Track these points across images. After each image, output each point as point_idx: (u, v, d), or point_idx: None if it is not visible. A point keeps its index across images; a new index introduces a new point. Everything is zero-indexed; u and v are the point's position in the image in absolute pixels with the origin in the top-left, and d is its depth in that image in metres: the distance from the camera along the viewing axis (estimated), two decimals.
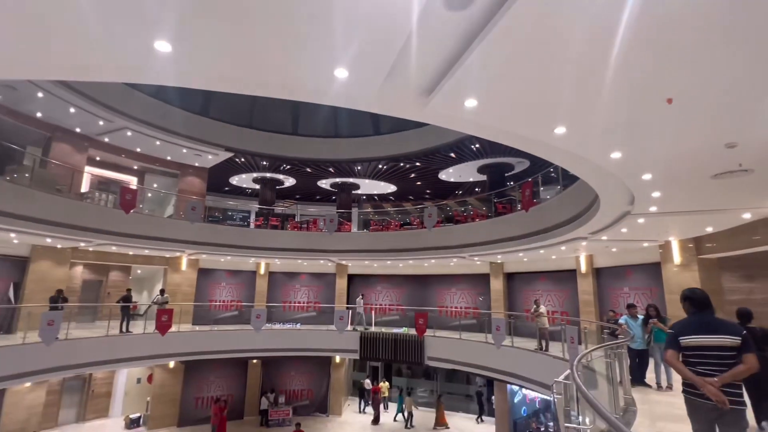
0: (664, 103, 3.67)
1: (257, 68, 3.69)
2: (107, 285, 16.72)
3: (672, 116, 3.93)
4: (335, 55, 3.42)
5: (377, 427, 16.19)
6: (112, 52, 3.39)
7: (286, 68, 3.65)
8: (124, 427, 15.44)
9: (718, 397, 2.93)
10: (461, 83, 3.66)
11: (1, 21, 3.01)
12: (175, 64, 3.52)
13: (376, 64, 3.56)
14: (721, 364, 3.07)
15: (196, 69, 3.68)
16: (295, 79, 3.82)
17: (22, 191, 10.84)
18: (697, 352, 3.19)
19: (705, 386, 2.99)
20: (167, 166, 17.79)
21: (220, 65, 3.63)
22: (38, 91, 11.90)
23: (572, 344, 9.77)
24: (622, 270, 12.95)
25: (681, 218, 8.14)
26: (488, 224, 14.18)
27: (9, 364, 9.95)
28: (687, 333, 3.28)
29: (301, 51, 3.38)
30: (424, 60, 3.58)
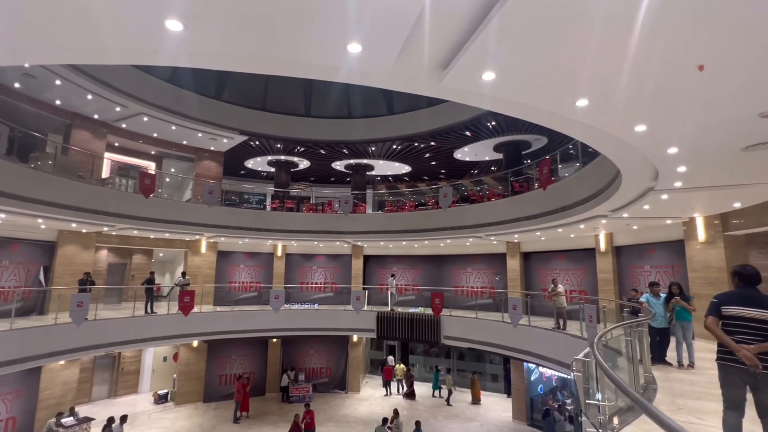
0: (694, 70, 3.47)
1: (269, 46, 3.62)
2: (131, 268, 17.24)
3: (703, 84, 3.73)
4: (348, 29, 3.33)
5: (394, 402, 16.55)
6: (123, 33, 3.37)
7: (299, 44, 3.57)
8: (152, 402, 16.17)
9: (752, 361, 3.07)
10: (478, 55, 3.52)
11: (15, 5, 3.01)
12: (187, 43, 3.48)
13: (390, 38, 3.45)
14: (758, 335, 3.23)
15: (208, 48, 3.64)
16: (308, 56, 3.74)
17: (46, 178, 11.13)
18: (737, 322, 3.36)
19: (740, 351, 3.14)
20: (184, 150, 17.99)
21: (231, 43, 3.58)
22: (56, 79, 12.07)
23: (590, 323, 9.68)
24: (643, 248, 12.67)
25: (707, 193, 7.85)
26: (505, 203, 13.99)
27: (43, 343, 10.44)
28: (730, 303, 3.45)
29: (313, 26, 3.30)
30: (439, 32, 3.45)
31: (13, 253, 12.72)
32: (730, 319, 3.41)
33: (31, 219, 11.58)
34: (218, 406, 16.34)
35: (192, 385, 16.67)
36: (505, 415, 15.82)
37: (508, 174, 15.26)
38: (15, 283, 12.65)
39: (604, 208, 9.42)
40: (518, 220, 12.92)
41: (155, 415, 15.06)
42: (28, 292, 12.92)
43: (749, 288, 3.47)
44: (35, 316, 12.52)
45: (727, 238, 10.06)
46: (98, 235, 14.78)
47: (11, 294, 12.12)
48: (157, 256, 19.26)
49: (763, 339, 3.20)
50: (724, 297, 3.57)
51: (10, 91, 12.64)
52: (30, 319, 11.83)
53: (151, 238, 16.65)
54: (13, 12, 3.10)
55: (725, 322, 3.44)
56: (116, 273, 16.83)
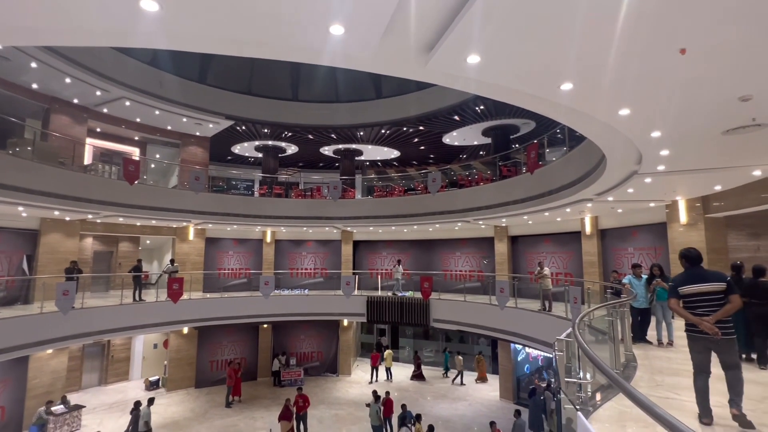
0: (677, 54, 3.49)
1: (249, 27, 3.52)
2: (117, 255, 17.02)
3: (685, 68, 3.75)
4: (330, 9, 3.25)
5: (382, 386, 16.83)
6: (96, 13, 3.24)
7: (279, 25, 3.48)
8: (144, 389, 16.20)
9: (712, 329, 3.59)
10: (463, 37, 3.48)
11: None
12: (164, 24, 3.37)
13: (374, 19, 3.38)
14: (712, 305, 3.74)
15: (186, 29, 3.52)
16: (289, 38, 3.65)
17: (25, 164, 10.83)
18: (694, 298, 3.85)
19: (702, 323, 3.66)
20: (168, 136, 17.62)
21: (210, 24, 3.47)
22: (31, 62, 11.63)
23: (575, 304, 9.91)
24: (627, 231, 12.91)
25: (689, 177, 7.98)
26: (493, 188, 14.06)
27: (29, 332, 10.33)
28: (684, 284, 3.93)
29: (294, 6, 3.21)
30: (423, 12, 3.39)
31: None
32: (688, 296, 3.88)
33: (11, 207, 11.29)
34: (210, 391, 16.46)
35: (183, 371, 16.73)
36: (493, 395, 16.24)
37: (496, 158, 15.30)
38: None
39: (590, 191, 9.53)
40: (506, 205, 13.02)
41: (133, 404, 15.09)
42: (11, 282, 12.70)
43: (695, 267, 3.99)
44: (20, 305, 12.34)
45: (708, 221, 10.29)
46: (82, 223, 14.51)
47: None
48: (144, 243, 19.03)
49: (717, 307, 3.70)
50: (678, 279, 4.06)
51: None
52: (14, 308, 11.66)
53: (138, 225, 16.40)
54: None
55: (685, 300, 3.90)
56: (102, 261, 16.61)
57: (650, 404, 1.82)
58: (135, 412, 11.73)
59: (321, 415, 14.06)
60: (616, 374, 2.38)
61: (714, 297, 3.77)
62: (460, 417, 14.06)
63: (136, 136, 17.46)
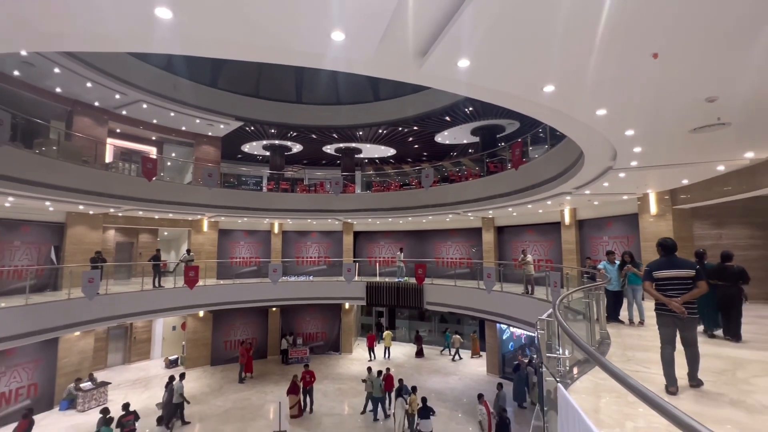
0: (650, 58, 3.47)
1: (256, 33, 3.47)
2: (138, 246, 16.96)
3: (657, 71, 3.73)
4: (331, 17, 3.20)
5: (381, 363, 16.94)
6: (115, 20, 3.18)
7: (284, 32, 3.43)
8: (164, 366, 16.26)
9: (680, 309, 3.80)
10: (454, 43, 3.45)
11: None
12: (177, 30, 3.31)
13: (372, 26, 3.34)
14: (681, 288, 3.94)
15: (197, 35, 3.47)
16: (293, 43, 3.60)
17: (50, 163, 10.71)
18: (666, 281, 4.01)
19: (671, 303, 3.85)
20: (183, 136, 17.46)
21: (219, 31, 3.41)
22: (54, 67, 11.45)
23: (555, 288, 9.97)
24: (602, 221, 12.96)
25: (659, 171, 8.01)
26: (481, 183, 14.05)
27: (59, 316, 10.32)
28: (658, 269, 4.10)
29: (298, 14, 3.16)
30: (417, 20, 3.35)
31: (25, 234, 12.37)
32: (660, 280, 4.05)
33: (39, 202, 11.20)
34: (224, 368, 16.53)
35: (200, 351, 16.78)
36: (480, 370, 16.40)
37: (484, 156, 15.27)
38: (28, 262, 12.35)
39: (569, 185, 9.55)
40: (493, 198, 13.02)
41: (167, 378, 15.15)
42: (41, 270, 12.65)
43: (669, 255, 4.13)
44: (49, 292, 12.31)
45: (676, 212, 10.34)
46: (105, 216, 14.43)
47: (26, 272, 11.86)
48: (162, 234, 18.95)
49: (685, 290, 3.91)
50: (653, 264, 4.20)
51: (11, 79, 11.95)
52: (44, 295, 11.63)
53: (156, 218, 16.32)
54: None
55: (658, 283, 4.06)
56: (124, 251, 16.55)
57: (624, 376, 1.84)
58: (170, 385, 11.85)
59: (325, 389, 14.17)
60: (593, 350, 2.40)
61: (683, 282, 3.95)
62: (451, 390, 14.20)
63: (153, 136, 17.29)
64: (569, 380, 4.09)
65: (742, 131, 5.37)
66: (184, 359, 16.59)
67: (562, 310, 4.39)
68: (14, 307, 9.47)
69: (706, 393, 3.82)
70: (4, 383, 11.13)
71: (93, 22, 3.20)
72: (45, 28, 3.28)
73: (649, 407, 1.56)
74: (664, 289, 4.00)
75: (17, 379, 11.46)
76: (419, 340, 19.15)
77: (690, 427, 1.28)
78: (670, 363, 3.87)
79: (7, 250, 11.89)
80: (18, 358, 11.48)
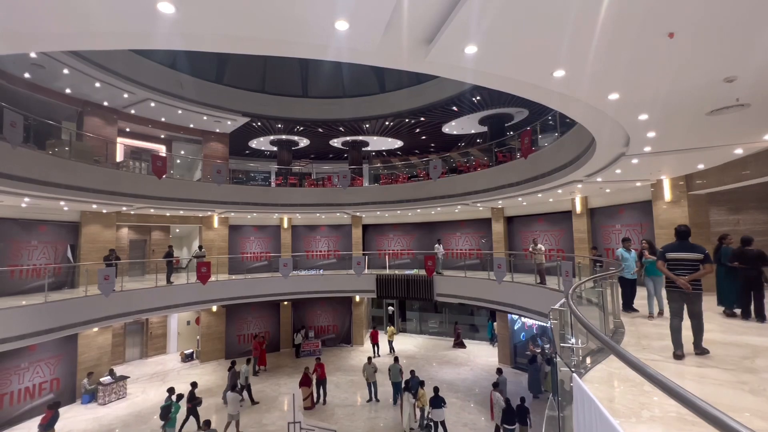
0: (665, 38, 3.34)
1: (259, 26, 3.43)
2: (151, 243, 17.23)
3: (672, 52, 3.59)
4: (335, 7, 3.14)
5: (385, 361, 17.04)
6: (117, 16, 3.17)
7: (288, 24, 3.39)
8: (180, 360, 16.61)
9: (685, 285, 4.49)
10: (460, 29, 3.36)
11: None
12: (180, 25, 3.29)
13: (376, 15, 3.26)
14: (688, 268, 4.60)
15: (200, 29, 3.43)
16: (297, 35, 3.56)
17: (63, 163, 10.89)
18: (677, 262, 4.69)
19: (678, 280, 4.56)
20: (191, 133, 17.58)
21: (223, 25, 3.38)
22: (63, 68, 11.58)
23: (567, 277, 9.85)
24: (614, 209, 12.73)
25: (674, 157, 7.78)
26: (489, 173, 13.90)
27: (77, 312, 10.57)
28: (671, 251, 4.79)
29: (303, 4, 3.11)
30: (422, 7, 3.27)
31: (42, 234, 12.65)
32: (671, 261, 4.73)
33: (54, 202, 11.42)
34: (238, 362, 16.79)
35: (214, 345, 17.08)
36: (492, 360, 16.39)
37: (492, 145, 15.07)
38: (45, 261, 12.65)
39: (580, 173, 9.37)
40: (502, 188, 12.87)
41: (183, 372, 15.51)
42: (58, 269, 12.95)
43: (682, 240, 4.77)
44: (67, 289, 12.61)
45: (691, 198, 10.09)
46: (118, 215, 14.67)
47: (44, 271, 12.15)
48: (174, 231, 19.22)
49: (691, 271, 4.56)
50: (667, 247, 4.91)
51: (22, 81, 12.13)
52: (62, 292, 11.92)
53: (167, 215, 16.54)
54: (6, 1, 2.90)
55: (669, 263, 4.73)
56: (137, 248, 16.84)
57: (641, 365, 1.79)
58: (232, 369, 12.17)
59: (338, 380, 14.33)
60: (608, 338, 2.36)
61: (691, 263, 4.60)
62: (463, 380, 14.24)
63: (162, 134, 17.45)
64: (583, 370, 4.05)
65: (762, 112, 5.17)
66: (199, 353, 16.92)
67: (575, 300, 4.33)
68: (34, 305, 9.73)
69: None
70: (28, 378, 11.49)
71: (93, 19, 3.20)
72: (47, 27, 3.29)
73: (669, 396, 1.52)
74: (674, 269, 4.65)
75: (40, 375, 11.82)
76: (458, 331, 18.92)
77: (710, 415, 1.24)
78: (677, 331, 4.53)
79: (26, 250, 12.19)
80: (40, 354, 11.83)
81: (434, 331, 20.84)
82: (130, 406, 12.31)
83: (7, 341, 8.99)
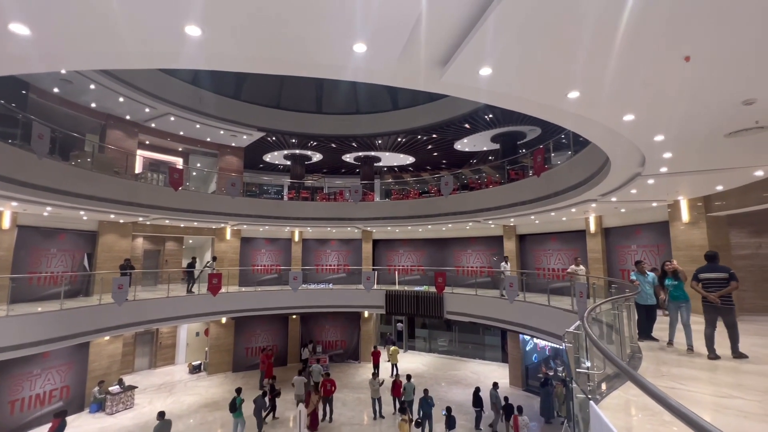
0: (681, 61, 3.35)
1: (281, 48, 3.56)
2: (164, 253, 17.50)
3: (689, 75, 3.60)
4: (354, 30, 3.26)
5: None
6: (148, 38, 3.33)
7: (308, 46, 3.51)
8: (188, 372, 16.60)
9: (715, 300, 5.48)
10: (476, 51, 3.43)
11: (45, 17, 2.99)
12: (205, 47, 3.44)
13: (393, 37, 3.37)
14: (717, 286, 5.57)
15: (224, 51, 3.59)
16: (317, 57, 3.68)
17: (85, 174, 11.26)
18: (707, 282, 5.66)
19: (710, 296, 5.54)
20: (208, 147, 18.04)
21: (246, 47, 3.52)
22: (90, 84, 12.10)
23: (581, 298, 9.64)
24: (630, 229, 12.50)
25: (691, 178, 7.67)
26: (501, 190, 13.85)
27: (90, 321, 10.72)
28: (702, 272, 5.72)
29: (323, 28, 3.23)
30: (438, 30, 3.36)
31: (60, 242, 12.98)
32: (704, 281, 5.68)
33: (74, 211, 11.75)
34: (246, 375, 16.72)
35: (222, 357, 17.06)
36: (503, 382, 15.94)
37: (504, 163, 15.06)
38: (63, 269, 12.93)
39: (594, 192, 9.27)
40: (514, 206, 12.80)
41: (191, 383, 15.49)
42: (75, 277, 13.22)
43: (711, 262, 5.75)
44: (82, 297, 12.83)
45: (710, 219, 9.86)
46: (134, 225, 14.99)
47: (61, 278, 12.42)
48: (187, 242, 19.51)
49: (720, 288, 5.53)
50: (699, 269, 5.80)
51: (50, 95, 12.71)
52: (77, 300, 12.13)
53: (181, 226, 16.83)
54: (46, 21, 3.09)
55: (703, 283, 5.68)
56: (151, 258, 17.11)
57: (662, 394, 1.74)
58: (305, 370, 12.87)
59: (345, 398, 14.10)
60: (625, 364, 2.30)
61: (720, 281, 5.56)
62: None
63: (179, 148, 17.94)
64: (599, 396, 3.93)
65: None
66: (207, 365, 16.90)
67: (590, 322, 4.23)
68: (50, 311, 9.92)
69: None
70: (39, 385, 11.62)
71: (128, 40, 3.37)
72: (81, 48, 3.47)
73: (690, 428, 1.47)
74: (706, 287, 5.61)
75: (51, 382, 11.94)
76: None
77: None
78: (710, 338, 5.44)
79: (44, 257, 12.50)
80: (52, 361, 11.98)
81: (444, 350, 20.46)
82: (136, 416, 12.30)
83: (23, 347, 9.15)
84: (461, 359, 18.83)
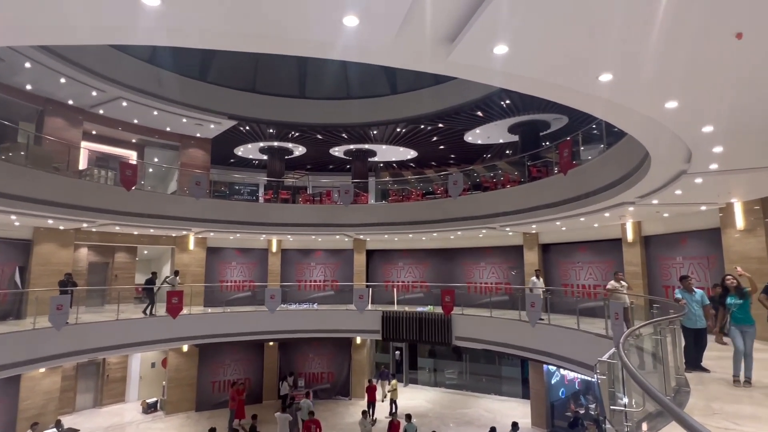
0: (732, 38, 3.40)
1: (255, 20, 3.58)
2: (114, 267, 17.39)
3: (741, 55, 3.65)
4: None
5: None
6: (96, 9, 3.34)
7: (287, 18, 3.53)
8: (141, 411, 16.43)
9: None
10: (489, 25, 3.46)
11: None
12: (165, 19, 3.45)
13: (391, 9, 3.39)
14: None
15: (188, 24, 3.60)
16: (298, 31, 3.70)
17: (17, 170, 11.20)
18: None
19: None
20: (167, 138, 18.03)
21: (214, 18, 3.54)
22: (25, 61, 12.07)
23: (617, 321, 9.66)
24: (675, 237, 12.59)
25: (746, 176, 7.75)
26: (521, 190, 13.92)
27: (21, 349, 10.61)
28: None
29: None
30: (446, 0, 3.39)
31: None
32: None
33: (4, 216, 11.67)
34: (212, 414, 16.58)
35: (183, 393, 16.92)
36: (524, 421, 15.90)
37: (524, 158, 15.17)
38: None
39: (632, 194, 9.35)
40: (536, 209, 12.86)
41: (144, 425, 15.33)
42: (4, 295, 13.09)
43: None
44: (11, 320, 12.70)
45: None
46: (77, 232, 14.91)
47: None
48: (142, 254, 19.41)
49: None
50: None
51: None
52: (6, 323, 12.01)
53: (135, 234, 16.76)
54: None
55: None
56: (98, 273, 17.00)
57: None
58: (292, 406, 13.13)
59: None
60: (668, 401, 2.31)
61: None
62: None
63: (133, 139, 17.92)
64: None
65: None
66: (165, 403, 16.75)
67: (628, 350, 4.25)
68: None
69: None
70: None
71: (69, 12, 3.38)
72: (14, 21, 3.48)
73: None
74: None
75: None
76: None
77: None
78: None
79: None
80: None
81: (452, 383, 20.42)
82: None
83: None
84: (473, 394, 18.78)
